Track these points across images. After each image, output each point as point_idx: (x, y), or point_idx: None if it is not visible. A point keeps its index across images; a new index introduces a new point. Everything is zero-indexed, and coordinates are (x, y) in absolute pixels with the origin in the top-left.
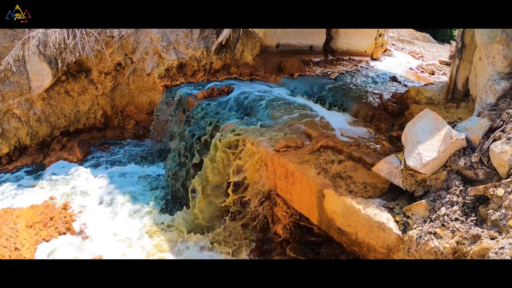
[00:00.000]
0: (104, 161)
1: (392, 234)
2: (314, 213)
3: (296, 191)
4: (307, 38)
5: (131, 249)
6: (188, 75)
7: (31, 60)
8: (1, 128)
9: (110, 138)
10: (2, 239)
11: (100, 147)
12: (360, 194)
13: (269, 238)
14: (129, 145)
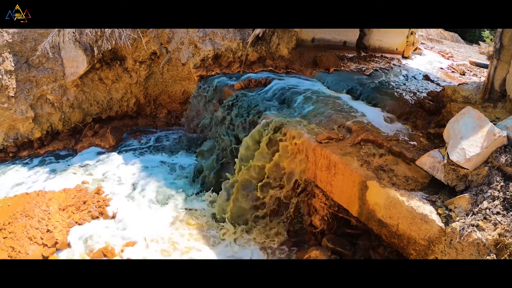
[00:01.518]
0: (136, 148)
1: (434, 226)
2: (354, 205)
3: (337, 182)
4: (341, 34)
5: (164, 236)
6: (224, 66)
7: (66, 47)
8: (34, 113)
9: (142, 126)
10: (34, 221)
11: (132, 135)
12: (402, 187)
13: (303, 229)
14: (161, 133)
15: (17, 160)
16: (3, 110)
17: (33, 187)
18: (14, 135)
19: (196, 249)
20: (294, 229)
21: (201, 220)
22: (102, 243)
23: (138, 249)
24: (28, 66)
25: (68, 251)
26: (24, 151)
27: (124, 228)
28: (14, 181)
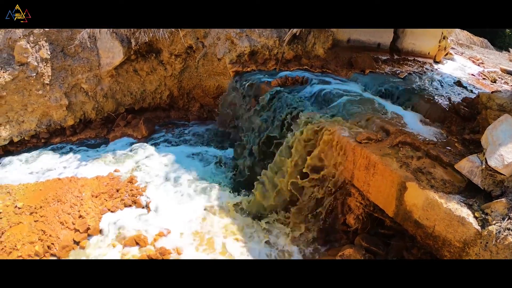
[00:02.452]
0: (169, 140)
1: (471, 228)
2: (391, 205)
3: (375, 182)
4: (376, 35)
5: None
6: (259, 63)
7: (103, 38)
8: (68, 101)
9: (174, 118)
10: (66, 206)
11: (165, 127)
12: (440, 189)
13: (334, 228)
14: (193, 127)
15: (49, 146)
16: (38, 97)
17: (65, 173)
18: (47, 121)
19: (228, 241)
20: (326, 227)
21: (233, 213)
22: (134, 231)
23: (171, 239)
24: (64, 55)
25: (100, 237)
26: (56, 138)
27: (157, 218)
28: (46, 166)
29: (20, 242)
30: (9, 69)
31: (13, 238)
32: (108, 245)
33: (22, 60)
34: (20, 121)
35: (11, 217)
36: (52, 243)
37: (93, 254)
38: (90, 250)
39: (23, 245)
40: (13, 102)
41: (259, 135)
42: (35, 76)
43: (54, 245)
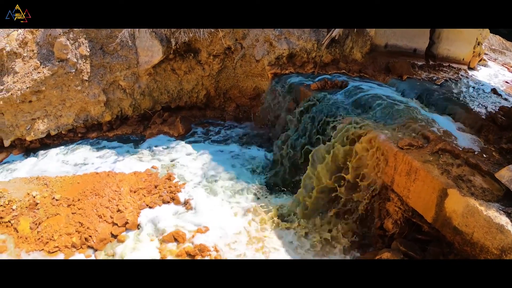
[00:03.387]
0: (205, 138)
1: (509, 236)
2: (430, 211)
3: (416, 188)
4: (412, 41)
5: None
6: (297, 65)
7: (142, 36)
8: (106, 97)
9: (210, 118)
10: (104, 200)
11: (201, 125)
12: (480, 197)
13: (371, 232)
14: (229, 126)
15: (85, 141)
16: (76, 92)
17: (102, 167)
18: (84, 116)
19: (265, 241)
20: (362, 231)
21: (271, 214)
22: (173, 228)
23: (210, 236)
24: (103, 52)
25: (138, 232)
26: (93, 133)
27: (196, 215)
28: (83, 160)
29: (57, 233)
30: (49, 64)
31: (50, 229)
32: (146, 240)
33: (62, 56)
34: (58, 116)
35: (48, 208)
36: (89, 235)
37: (130, 248)
38: (127, 244)
39: (60, 236)
40: (52, 97)
41: (300, 138)
42: (74, 72)
43: (91, 238)
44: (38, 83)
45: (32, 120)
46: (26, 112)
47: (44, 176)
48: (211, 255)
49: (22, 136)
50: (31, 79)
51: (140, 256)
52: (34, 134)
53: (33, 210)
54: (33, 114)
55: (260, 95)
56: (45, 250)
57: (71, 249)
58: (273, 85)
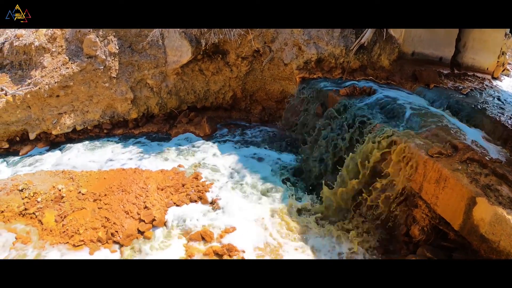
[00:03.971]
0: (231, 140)
1: None
2: (458, 219)
3: (444, 195)
4: (438, 49)
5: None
6: (325, 70)
7: (171, 36)
8: (133, 95)
9: (236, 119)
10: (131, 196)
11: (227, 126)
12: (508, 206)
13: (396, 238)
14: (255, 128)
15: (111, 137)
16: (104, 89)
17: (128, 164)
18: (111, 113)
19: (292, 243)
20: (387, 237)
21: (297, 216)
22: (200, 227)
23: (237, 236)
24: (131, 50)
25: (165, 230)
26: (119, 130)
27: (223, 215)
28: (108, 156)
29: (83, 227)
30: (77, 60)
31: (76, 222)
32: (173, 237)
33: (91, 53)
34: (85, 111)
35: (74, 202)
36: (116, 230)
37: (157, 245)
38: (154, 241)
39: (85, 230)
40: (79, 93)
41: (328, 143)
42: (102, 69)
43: (118, 233)
44: (67, 78)
45: (58, 115)
46: (53, 106)
47: (69, 170)
48: (239, 255)
49: (48, 129)
50: (59, 74)
51: (167, 254)
52: (60, 128)
53: (58, 203)
54: (60, 109)
55: (287, 98)
56: (70, 243)
57: (97, 243)
58: (301, 89)
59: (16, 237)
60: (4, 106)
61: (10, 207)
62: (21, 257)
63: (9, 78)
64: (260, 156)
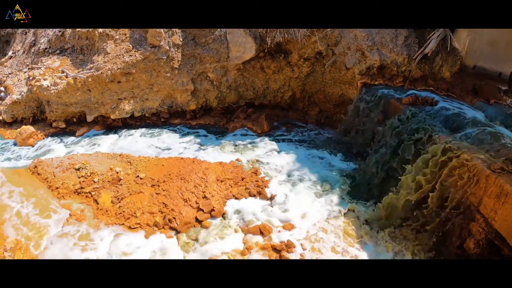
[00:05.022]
0: (288, 139)
1: None
2: None
3: (503, 211)
4: (498, 64)
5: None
6: (387, 77)
7: (235, 33)
8: (193, 87)
9: (292, 119)
10: (190, 185)
11: (284, 125)
12: None
13: (448, 250)
14: (312, 130)
15: (168, 126)
16: (165, 79)
17: (185, 153)
18: (169, 102)
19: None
20: (439, 248)
21: (353, 220)
22: (258, 221)
23: (295, 234)
24: (195, 43)
25: (222, 220)
26: (176, 119)
27: (282, 212)
28: (165, 144)
29: (140, 211)
30: (141, 49)
31: (133, 205)
32: (231, 229)
33: (155, 42)
34: (144, 99)
35: (131, 186)
36: (173, 217)
37: (214, 235)
38: (212, 230)
39: (142, 213)
40: (140, 80)
41: (389, 150)
42: (165, 59)
43: (175, 220)
44: (129, 65)
45: (118, 100)
46: (113, 91)
47: (127, 154)
48: (296, 252)
49: (106, 113)
50: (122, 61)
51: (223, 244)
52: (118, 113)
53: (115, 185)
54: (120, 94)
55: (345, 102)
56: (126, 225)
57: (153, 227)
58: (362, 95)
59: (70, 213)
60: (64, 87)
61: (65, 184)
62: (75, 233)
63: (70, 61)
64: (317, 158)
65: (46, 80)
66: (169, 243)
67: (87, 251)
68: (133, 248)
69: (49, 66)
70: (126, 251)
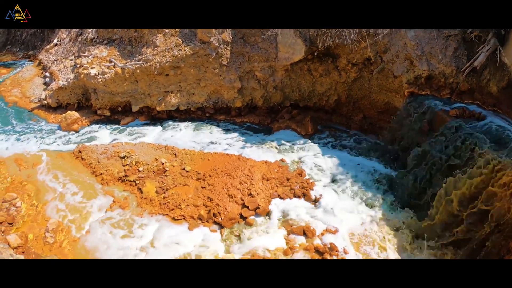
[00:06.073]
0: (332, 143)
1: None
2: None
3: None
4: None
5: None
6: (434, 88)
7: (284, 34)
8: (240, 84)
9: (335, 123)
10: (235, 181)
11: (327, 129)
12: None
13: None
14: (355, 135)
15: (212, 122)
16: (213, 74)
17: (230, 150)
18: (215, 98)
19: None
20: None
21: (394, 228)
22: (303, 222)
23: (339, 238)
24: (244, 41)
25: (266, 219)
26: (221, 115)
27: (326, 215)
28: (210, 139)
29: (185, 203)
30: (191, 44)
31: (178, 197)
32: (274, 228)
33: (205, 39)
34: (191, 93)
35: (177, 178)
36: (218, 212)
37: (258, 233)
38: (256, 228)
39: (187, 206)
40: (188, 75)
41: (431, 162)
42: (214, 55)
43: (220, 214)
44: (178, 59)
45: (165, 93)
46: (160, 84)
47: (173, 146)
48: (339, 256)
49: (152, 105)
50: (171, 54)
51: (266, 242)
52: (164, 106)
53: (160, 175)
54: (167, 87)
55: (390, 110)
56: (170, 215)
57: (197, 220)
58: (408, 104)
59: (113, 200)
60: (112, 77)
61: (109, 171)
62: (119, 220)
63: (117, 52)
64: (360, 164)
65: (94, 68)
66: (212, 237)
67: (129, 238)
68: (176, 238)
69: (97, 55)
70: (169, 241)
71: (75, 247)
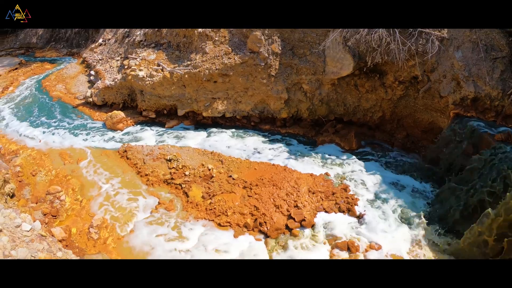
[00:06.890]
0: (375, 159)
1: None
2: None
3: None
4: None
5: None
6: (479, 110)
7: (334, 48)
8: (287, 96)
9: (378, 139)
10: (282, 192)
11: (370, 145)
12: None
13: None
14: (398, 153)
15: (257, 131)
16: (261, 84)
17: (275, 160)
18: (261, 108)
19: None
20: None
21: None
22: (346, 237)
23: (382, 255)
24: (292, 53)
25: (312, 232)
26: (266, 125)
27: (369, 231)
28: (255, 147)
29: (231, 210)
30: (240, 53)
31: (224, 204)
32: (319, 241)
33: (254, 48)
34: (237, 101)
35: (223, 184)
36: (264, 221)
37: (303, 245)
38: (301, 240)
39: (233, 213)
40: (236, 83)
41: (475, 185)
42: (263, 65)
43: (266, 224)
44: (227, 67)
45: (212, 99)
46: (208, 90)
47: (219, 153)
48: None
49: (198, 110)
50: (221, 62)
51: (311, 255)
52: (211, 112)
53: (207, 181)
54: (215, 94)
55: (434, 130)
56: (216, 221)
57: (243, 228)
58: (453, 125)
59: (159, 201)
60: (160, 80)
61: (155, 173)
62: (164, 222)
63: (165, 56)
64: (403, 183)
65: (142, 71)
66: (257, 246)
67: (174, 241)
68: (222, 245)
69: (144, 58)
70: (215, 247)
71: (119, 245)
